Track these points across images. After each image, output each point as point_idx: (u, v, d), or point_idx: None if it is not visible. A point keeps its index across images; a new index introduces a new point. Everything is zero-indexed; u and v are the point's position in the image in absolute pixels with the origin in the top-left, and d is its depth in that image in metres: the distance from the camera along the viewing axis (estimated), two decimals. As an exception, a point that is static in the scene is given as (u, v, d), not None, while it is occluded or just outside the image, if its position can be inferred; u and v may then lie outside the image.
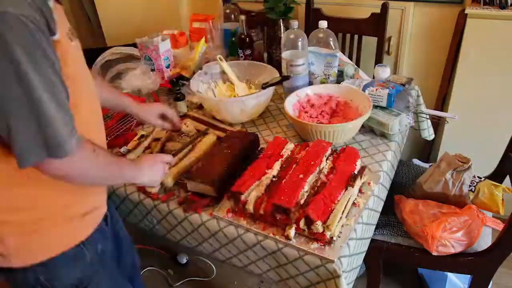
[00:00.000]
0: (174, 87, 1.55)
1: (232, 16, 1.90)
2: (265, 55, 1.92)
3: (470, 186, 1.38)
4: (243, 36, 1.71)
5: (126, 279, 1.14)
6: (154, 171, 1.02)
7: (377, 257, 1.40)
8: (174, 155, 1.19)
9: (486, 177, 1.47)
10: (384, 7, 1.86)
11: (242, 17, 1.69)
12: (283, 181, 1.03)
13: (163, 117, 1.28)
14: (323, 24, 1.46)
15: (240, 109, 1.37)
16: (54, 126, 0.70)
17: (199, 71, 1.52)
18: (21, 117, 0.68)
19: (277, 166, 1.10)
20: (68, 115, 0.73)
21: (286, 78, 1.43)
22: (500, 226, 1.32)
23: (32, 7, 0.66)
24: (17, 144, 0.70)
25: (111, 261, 1.05)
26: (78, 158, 0.77)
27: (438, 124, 1.92)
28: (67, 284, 0.91)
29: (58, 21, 0.72)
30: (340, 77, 1.56)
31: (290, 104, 1.36)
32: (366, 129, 1.38)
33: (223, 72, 1.57)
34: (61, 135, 0.71)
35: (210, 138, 1.29)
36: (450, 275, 1.62)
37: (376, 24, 1.91)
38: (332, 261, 0.93)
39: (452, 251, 1.25)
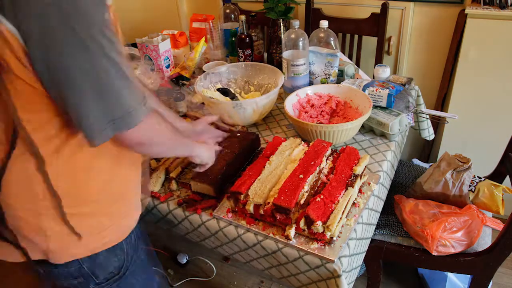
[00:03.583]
0: (174, 87, 1.55)
1: (232, 16, 1.90)
2: (265, 55, 1.92)
3: (470, 186, 1.38)
4: (243, 36, 1.71)
5: (154, 270, 1.13)
6: (208, 148, 1.06)
7: (377, 257, 1.40)
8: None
9: (486, 177, 1.48)
10: (384, 7, 1.87)
11: (242, 17, 1.69)
12: (283, 181, 1.03)
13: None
14: (324, 23, 1.46)
15: (253, 110, 1.36)
16: (123, 96, 0.69)
17: (199, 76, 1.51)
18: (88, 91, 0.66)
19: (277, 166, 1.10)
20: (135, 83, 0.73)
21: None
22: (500, 226, 1.33)
23: None
24: (87, 121, 0.69)
25: (142, 250, 1.04)
26: (148, 126, 0.77)
27: (438, 124, 1.92)
28: (107, 271, 0.91)
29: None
30: (340, 76, 1.56)
31: (290, 104, 1.36)
32: (366, 129, 1.38)
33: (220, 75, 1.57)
34: (131, 105, 0.71)
35: None
36: (450, 275, 1.62)
37: (376, 24, 1.92)
38: (332, 261, 0.93)
39: (452, 251, 1.25)
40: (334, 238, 0.96)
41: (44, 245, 0.82)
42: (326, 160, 1.13)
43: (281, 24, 1.71)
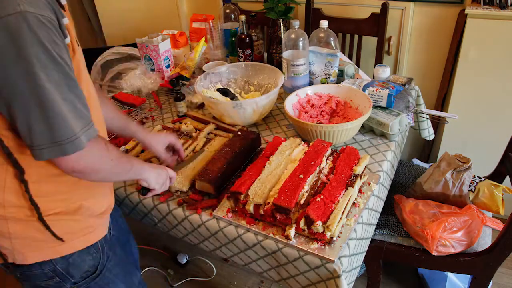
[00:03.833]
0: (174, 87, 1.55)
1: (232, 16, 1.90)
2: (265, 55, 1.92)
3: (470, 186, 1.38)
4: (243, 36, 1.71)
5: (133, 265, 1.14)
6: (158, 174, 1.02)
7: (377, 257, 1.40)
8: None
9: (486, 177, 1.48)
10: (384, 7, 1.87)
11: (242, 17, 1.69)
12: (283, 181, 1.03)
13: (170, 148, 1.21)
14: (324, 23, 1.46)
15: (253, 110, 1.36)
16: (64, 122, 0.71)
17: (199, 76, 1.51)
18: (32, 114, 0.69)
19: (277, 166, 1.10)
20: (82, 109, 0.75)
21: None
22: (500, 226, 1.33)
23: (48, 8, 0.68)
24: (33, 139, 0.71)
25: (118, 247, 1.06)
26: (92, 153, 0.78)
27: (438, 124, 1.92)
28: (82, 270, 0.92)
29: (68, 26, 0.75)
30: (340, 76, 1.56)
31: (290, 104, 1.36)
32: (366, 129, 1.38)
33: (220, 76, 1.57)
34: (72, 131, 0.72)
35: (219, 141, 1.30)
36: (450, 275, 1.62)
37: (376, 24, 1.91)
38: (332, 261, 0.93)
39: (452, 251, 1.25)
40: (334, 238, 0.96)
41: (9, 247, 0.84)
42: (326, 160, 1.13)
43: (281, 24, 1.71)
